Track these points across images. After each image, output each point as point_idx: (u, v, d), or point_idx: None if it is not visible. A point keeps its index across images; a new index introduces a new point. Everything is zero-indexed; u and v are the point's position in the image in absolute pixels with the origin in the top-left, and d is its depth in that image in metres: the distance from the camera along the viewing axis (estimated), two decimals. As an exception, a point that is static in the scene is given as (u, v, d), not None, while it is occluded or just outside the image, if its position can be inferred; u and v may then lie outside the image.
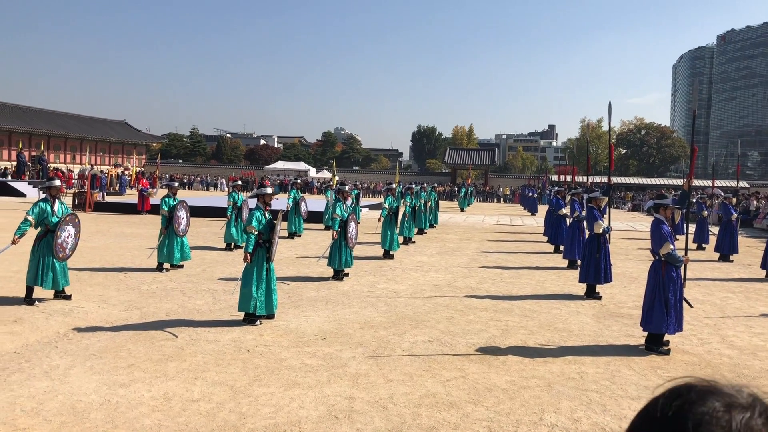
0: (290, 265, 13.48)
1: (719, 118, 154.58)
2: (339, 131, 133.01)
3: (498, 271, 13.90)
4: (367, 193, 53.42)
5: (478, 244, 19.44)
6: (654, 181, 68.99)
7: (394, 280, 12.24)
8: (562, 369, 6.87)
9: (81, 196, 27.69)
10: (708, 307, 10.74)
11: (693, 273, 14.36)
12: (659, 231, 7.78)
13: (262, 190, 8.96)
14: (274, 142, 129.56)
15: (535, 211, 37.49)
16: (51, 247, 9.11)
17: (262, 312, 8.32)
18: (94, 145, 58.73)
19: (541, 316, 9.54)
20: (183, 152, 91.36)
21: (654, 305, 7.70)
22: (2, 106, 52.13)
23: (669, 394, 0.88)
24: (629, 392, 6.21)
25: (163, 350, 7.03)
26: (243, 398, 5.65)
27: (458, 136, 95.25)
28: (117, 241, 16.76)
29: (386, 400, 5.74)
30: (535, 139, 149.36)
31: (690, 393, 0.86)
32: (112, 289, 10.35)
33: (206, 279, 11.62)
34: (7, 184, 36.37)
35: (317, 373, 6.42)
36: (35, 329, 7.75)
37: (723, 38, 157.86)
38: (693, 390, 0.87)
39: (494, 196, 60.93)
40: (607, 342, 8.17)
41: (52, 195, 9.57)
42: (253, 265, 8.33)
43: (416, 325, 8.63)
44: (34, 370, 6.20)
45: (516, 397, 5.93)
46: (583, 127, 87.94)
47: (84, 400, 5.45)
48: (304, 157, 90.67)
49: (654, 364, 7.22)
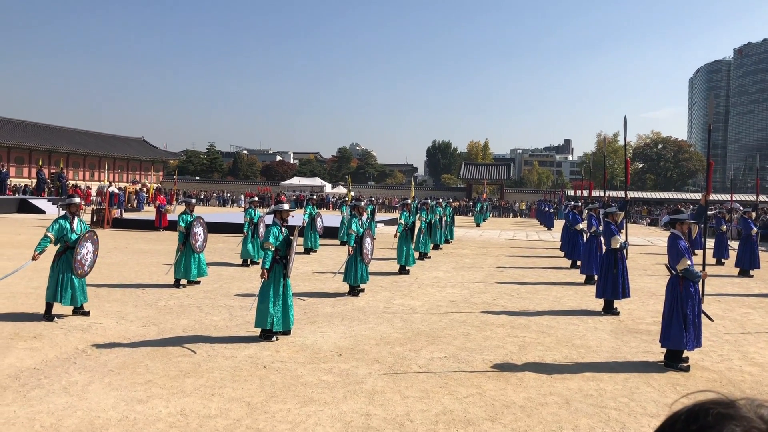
0: (306, 281, 13.51)
1: (737, 131, 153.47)
2: (354, 147, 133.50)
3: (514, 287, 13.83)
4: (382, 208, 53.46)
5: (494, 260, 19.36)
6: (671, 195, 68.42)
7: (410, 296, 12.22)
8: (580, 386, 6.81)
9: (99, 212, 27.99)
10: (728, 323, 10.60)
11: (712, 288, 14.21)
12: (676, 246, 7.72)
13: (280, 207, 9.01)
14: (289, 158, 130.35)
15: (551, 226, 37.30)
16: (70, 263, 9.22)
17: (279, 328, 8.33)
18: (112, 162, 59.43)
19: (559, 332, 9.47)
20: (200, 169, 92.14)
21: (672, 321, 7.62)
22: (23, 125, 52.98)
23: (686, 417, 0.87)
24: (648, 409, 6.13)
25: (180, 366, 7.06)
26: (260, 415, 5.66)
27: (473, 151, 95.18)
28: (134, 258, 16.90)
29: (403, 417, 5.72)
30: (551, 153, 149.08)
31: (707, 417, 0.85)
32: (129, 305, 10.43)
33: (223, 295, 11.67)
34: (28, 201, 36.85)
35: (333, 390, 6.41)
36: (54, 345, 7.82)
37: (740, 51, 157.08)
38: (710, 413, 0.85)
39: (510, 211, 60.75)
40: (625, 358, 8.09)
41: (71, 212, 9.69)
42: (270, 281, 8.36)
43: (432, 342, 8.60)
44: (53, 386, 6.25)
45: (534, 414, 5.88)
46: (599, 142, 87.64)
47: (102, 416, 5.48)
48: (319, 173, 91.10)
49: (673, 381, 7.13)
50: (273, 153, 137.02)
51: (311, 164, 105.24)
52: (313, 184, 69.36)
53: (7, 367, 6.86)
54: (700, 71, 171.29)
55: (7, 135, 48.41)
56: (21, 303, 10.28)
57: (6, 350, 7.51)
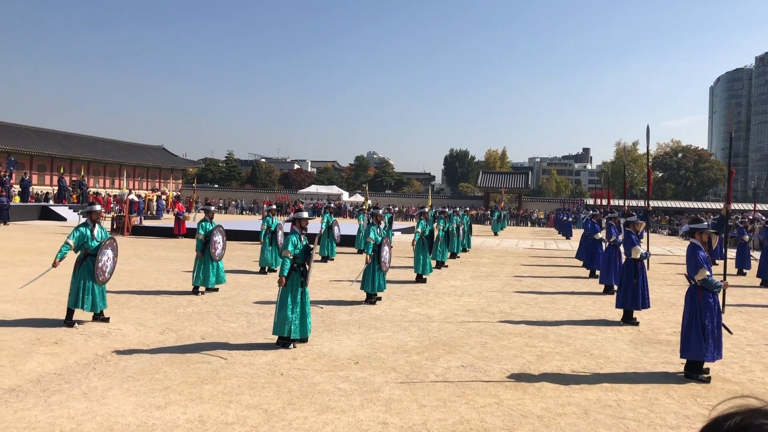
0: (323, 289, 13.54)
1: (759, 140, 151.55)
2: (371, 155, 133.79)
3: (532, 296, 13.76)
4: (399, 216, 53.45)
5: (512, 269, 19.28)
6: (692, 204, 67.72)
7: (427, 305, 12.19)
8: (598, 396, 6.75)
9: (119, 220, 28.29)
10: (750, 334, 10.46)
11: (734, 299, 14.03)
12: (695, 256, 7.64)
13: (299, 215, 9.03)
14: (307, 167, 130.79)
15: (569, 235, 37.09)
16: (91, 270, 9.32)
17: (296, 336, 8.36)
18: (132, 170, 60.03)
19: (577, 342, 9.40)
20: (219, 177, 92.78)
21: (691, 332, 7.53)
22: (45, 133, 53.75)
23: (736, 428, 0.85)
24: (668, 421, 6.06)
25: (199, 373, 7.10)
26: (277, 422, 5.67)
27: (491, 160, 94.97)
28: (154, 265, 17.04)
29: (420, 426, 5.70)
30: (569, 162, 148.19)
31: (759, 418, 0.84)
32: (148, 312, 10.51)
33: (241, 302, 11.73)
34: (49, 208, 37.33)
35: (350, 398, 6.41)
36: (75, 351, 7.91)
37: (761, 59, 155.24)
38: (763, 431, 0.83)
39: (528, 220, 60.47)
40: (644, 369, 8.00)
41: (92, 220, 9.80)
42: (288, 289, 8.40)
43: (450, 350, 8.57)
44: (74, 391, 6.31)
45: (552, 425, 5.84)
46: (619, 150, 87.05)
47: (121, 422, 5.53)
48: (337, 181, 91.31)
49: (694, 393, 7.05)
50: (291, 161, 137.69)
51: (329, 172, 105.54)
52: (331, 192, 69.58)
53: (28, 372, 6.95)
54: (720, 79, 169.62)
55: (29, 143, 49.12)
56: (42, 309, 10.40)
57: (27, 355, 7.61)
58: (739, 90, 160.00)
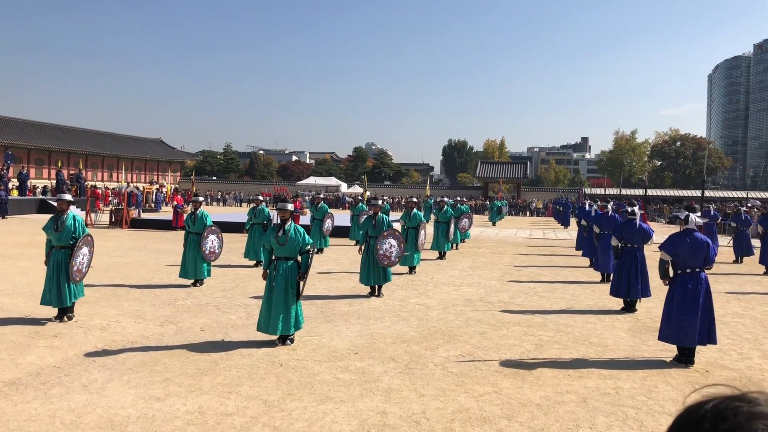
0: (322, 280, 13.55)
1: (757, 128, 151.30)
2: (370, 146, 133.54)
3: (531, 285, 13.78)
4: (397, 207, 53.43)
5: (510, 258, 19.29)
6: (690, 192, 67.74)
7: (425, 295, 12.21)
8: (597, 384, 6.78)
9: (118, 213, 28.28)
10: (748, 321, 10.49)
11: (732, 287, 14.07)
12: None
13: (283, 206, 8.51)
14: (305, 158, 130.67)
15: (567, 224, 37.12)
16: (60, 267, 8.99)
17: (258, 329, 8.09)
18: (130, 163, 59.97)
19: (576, 330, 9.42)
20: (217, 169, 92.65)
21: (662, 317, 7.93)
22: (43, 126, 53.65)
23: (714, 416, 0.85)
24: (666, 408, 6.09)
25: (198, 364, 7.11)
26: (276, 412, 5.69)
27: (489, 150, 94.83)
28: (152, 257, 17.04)
29: (419, 415, 5.72)
30: (568, 151, 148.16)
31: (737, 416, 0.83)
32: (147, 305, 10.52)
33: (240, 294, 11.74)
34: (47, 202, 37.27)
35: (350, 388, 6.43)
36: (74, 344, 7.92)
37: (760, 47, 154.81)
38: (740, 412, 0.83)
39: (526, 209, 60.48)
40: (643, 357, 8.03)
41: (60, 209, 9.38)
42: (267, 282, 8.17)
43: (449, 340, 8.59)
44: (73, 384, 6.33)
45: (550, 413, 5.86)
46: (617, 139, 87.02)
47: (121, 414, 5.54)
48: (335, 173, 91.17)
49: (692, 380, 7.07)
50: (289, 153, 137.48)
51: (327, 164, 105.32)
52: (329, 183, 69.48)
53: (28, 365, 6.96)
54: (719, 67, 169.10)
55: (27, 136, 49.05)
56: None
57: (27, 349, 7.62)
58: (737, 78, 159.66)
